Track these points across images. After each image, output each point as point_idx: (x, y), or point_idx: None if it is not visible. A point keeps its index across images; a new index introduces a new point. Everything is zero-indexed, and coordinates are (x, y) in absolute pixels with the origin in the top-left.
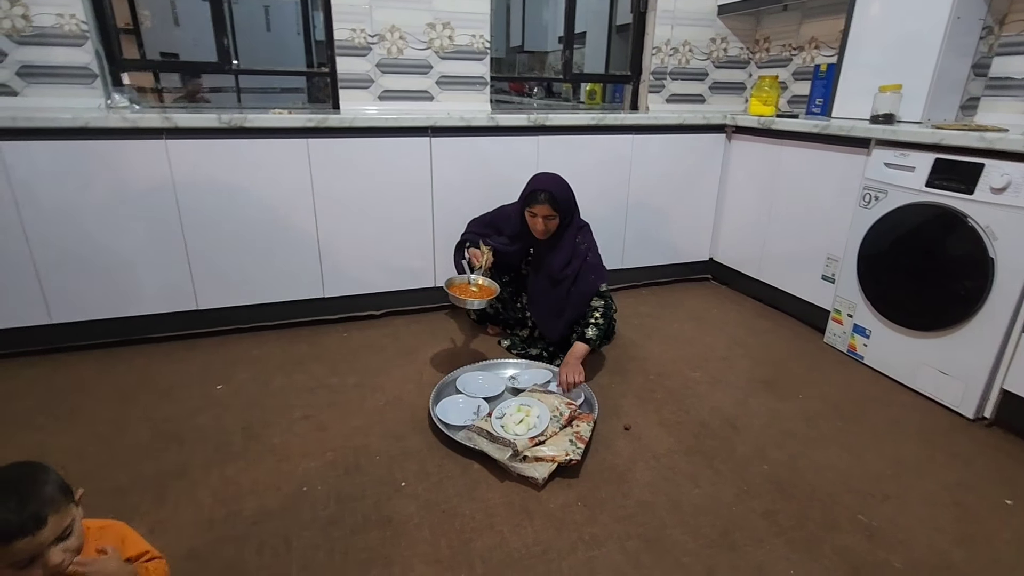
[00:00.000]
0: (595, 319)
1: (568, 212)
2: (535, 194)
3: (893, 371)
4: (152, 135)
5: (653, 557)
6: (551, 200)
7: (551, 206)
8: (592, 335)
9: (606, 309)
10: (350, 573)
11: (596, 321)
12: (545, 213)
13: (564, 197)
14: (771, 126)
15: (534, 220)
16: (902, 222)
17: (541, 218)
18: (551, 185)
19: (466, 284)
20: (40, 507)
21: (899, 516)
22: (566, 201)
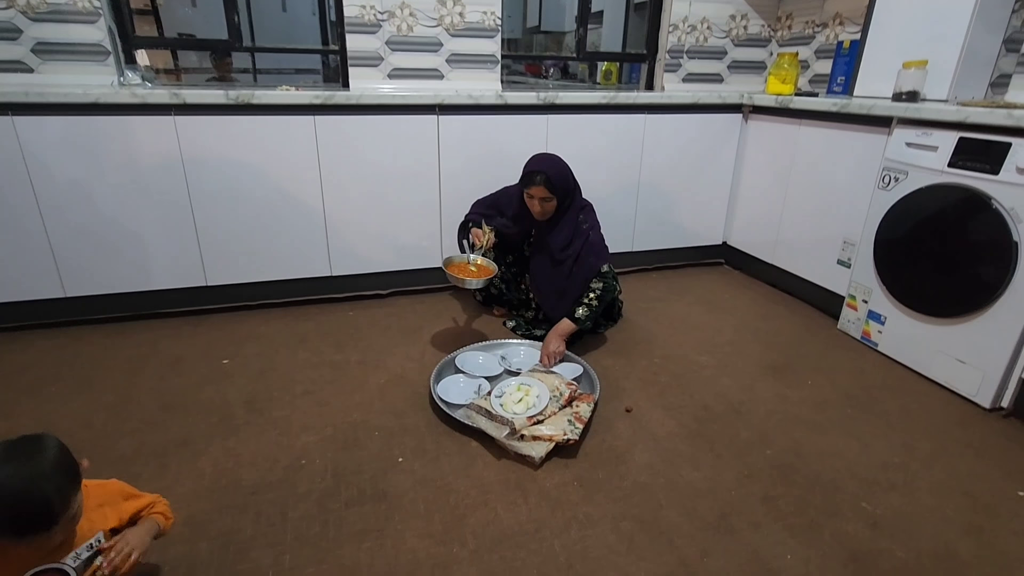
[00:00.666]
0: (588, 300)
1: (566, 194)
2: (531, 175)
3: (908, 359)
4: (161, 111)
5: (647, 538)
6: (547, 182)
7: (547, 188)
8: (581, 314)
9: (603, 291)
10: (343, 544)
11: (589, 302)
12: (542, 195)
13: (561, 179)
14: (789, 105)
15: (531, 202)
16: (922, 204)
17: (538, 200)
18: (548, 166)
19: (465, 264)
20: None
21: (905, 505)
22: (563, 183)
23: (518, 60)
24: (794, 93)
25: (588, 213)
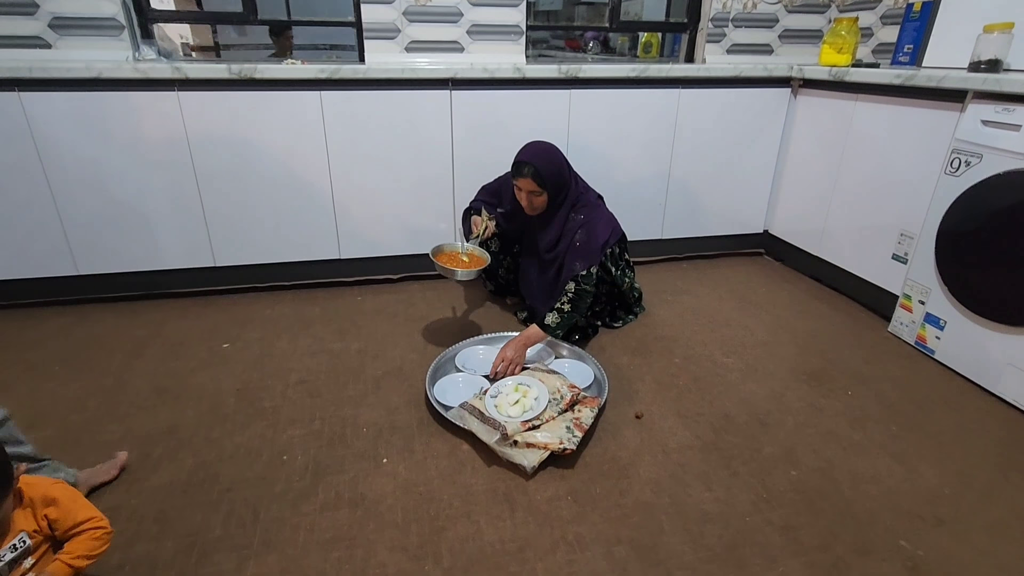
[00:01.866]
0: (560, 304)
1: (558, 188)
2: (519, 166)
3: (970, 370)
4: (164, 87)
5: (642, 567)
6: (535, 175)
7: (535, 181)
8: (550, 321)
9: (576, 295)
10: (310, 552)
11: (560, 306)
12: (529, 188)
13: (552, 172)
14: (844, 78)
15: (520, 194)
16: (997, 193)
17: (526, 193)
18: (537, 157)
19: (456, 253)
20: None
21: (953, 546)
22: (554, 176)
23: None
24: (851, 64)
25: (586, 211)
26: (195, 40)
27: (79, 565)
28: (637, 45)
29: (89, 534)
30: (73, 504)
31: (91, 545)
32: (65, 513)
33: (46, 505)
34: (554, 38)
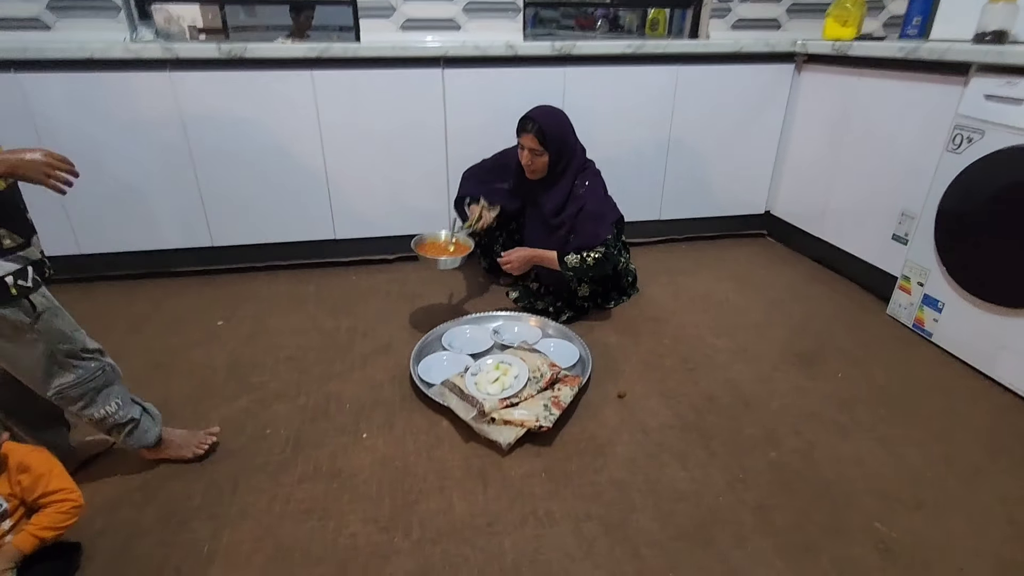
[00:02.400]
0: (586, 256)
1: (561, 151)
2: (523, 122)
3: (967, 353)
4: (156, 67)
5: (609, 543)
6: (539, 132)
7: (538, 139)
8: (571, 262)
9: (602, 258)
10: (285, 521)
11: (585, 256)
12: (531, 145)
13: (556, 133)
14: (847, 52)
15: (521, 153)
16: (999, 170)
17: (528, 151)
18: (544, 117)
19: (437, 242)
20: None
21: (930, 529)
22: (557, 137)
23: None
24: (855, 38)
25: (589, 176)
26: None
27: (44, 536)
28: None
29: (56, 507)
30: (46, 473)
31: (57, 518)
32: (35, 480)
33: (20, 471)
34: (564, 17)
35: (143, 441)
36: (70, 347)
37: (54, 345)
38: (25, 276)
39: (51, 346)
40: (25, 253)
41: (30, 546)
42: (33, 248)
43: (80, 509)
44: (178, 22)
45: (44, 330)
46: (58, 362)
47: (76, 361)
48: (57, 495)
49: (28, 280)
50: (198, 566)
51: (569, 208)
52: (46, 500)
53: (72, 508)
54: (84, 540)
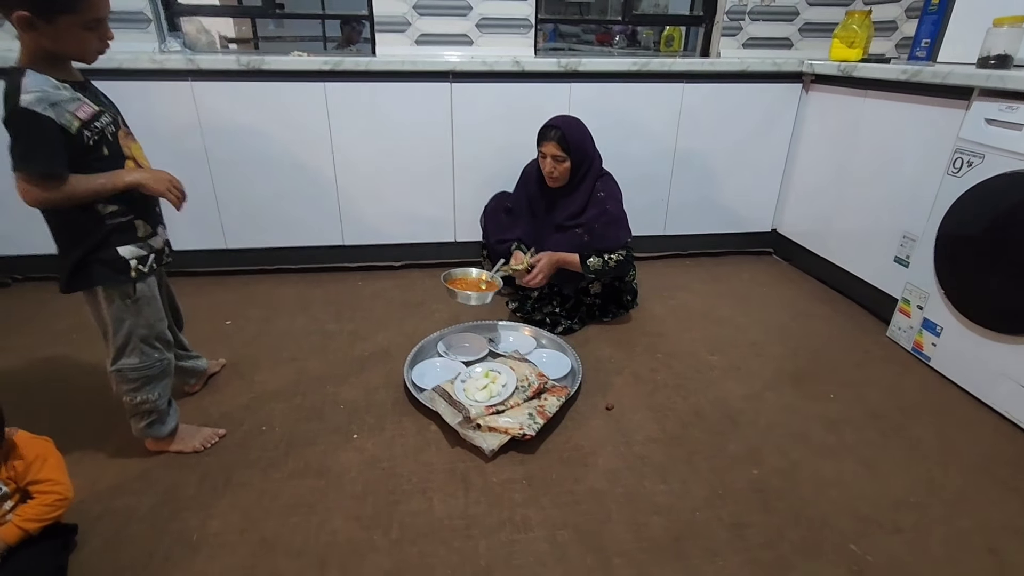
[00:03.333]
0: (608, 258)
1: (582, 158)
2: (545, 130)
3: (964, 379)
4: (178, 77)
5: (581, 552)
6: (561, 139)
7: (560, 146)
8: (593, 265)
9: (622, 261)
10: (271, 515)
11: (607, 260)
12: (554, 152)
13: (577, 139)
14: (852, 73)
15: (543, 161)
16: (998, 195)
17: (550, 158)
18: (565, 124)
19: (467, 278)
20: None
21: (906, 555)
22: (579, 144)
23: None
24: (862, 59)
25: (606, 182)
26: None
27: (28, 528)
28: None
29: (42, 499)
30: (38, 463)
31: (41, 510)
32: (27, 467)
33: (16, 457)
34: (585, 32)
35: (158, 434)
36: (147, 333)
37: (136, 328)
38: (146, 262)
39: (135, 327)
40: (151, 241)
41: (14, 537)
42: (158, 237)
43: (67, 502)
44: (209, 32)
45: (135, 313)
46: (133, 344)
47: (147, 348)
48: (44, 485)
49: (147, 266)
50: (186, 553)
51: (589, 211)
52: (34, 488)
53: (57, 500)
54: (83, 524)
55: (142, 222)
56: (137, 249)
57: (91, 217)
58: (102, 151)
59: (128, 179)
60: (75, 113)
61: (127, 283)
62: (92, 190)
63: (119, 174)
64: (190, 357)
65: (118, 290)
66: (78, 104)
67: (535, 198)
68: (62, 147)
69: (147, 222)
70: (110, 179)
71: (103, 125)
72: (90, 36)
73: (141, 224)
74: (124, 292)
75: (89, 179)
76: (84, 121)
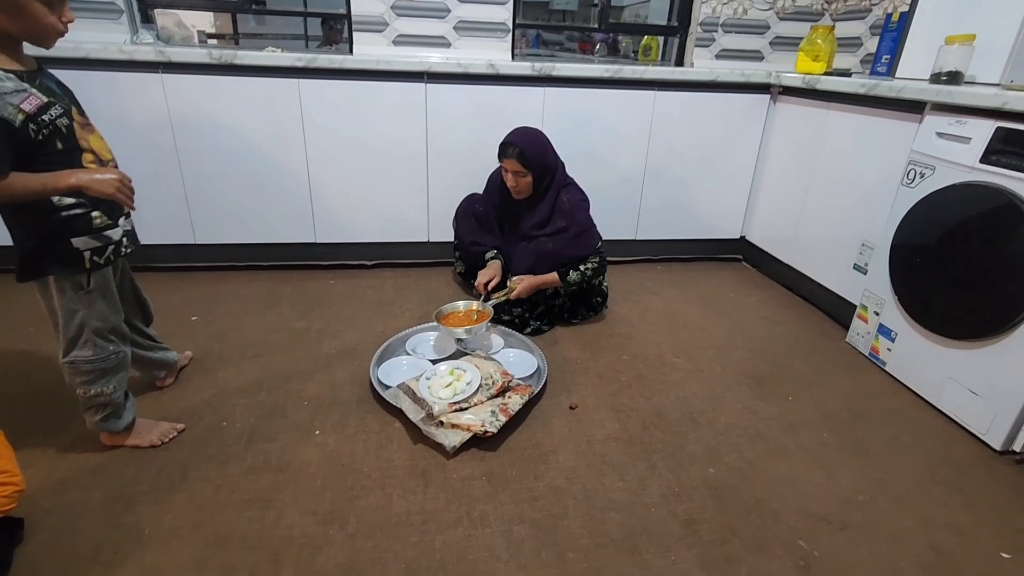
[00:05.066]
0: (584, 268)
1: (543, 171)
2: (504, 147)
3: (916, 383)
4: (148, 69)
5: (536, 546)
6: (520, 156)
7: (520, 162)
8: (572, 278)
9: (597, 267)
10: (227, 510)
11: (584, 269)
12: (514, 168)
13: (536, 154)
14: (816, 86)
15: (506, 176)
16: (946, 206)
17: (511, 173)
18: (523, 139)
19: (456, 312)
20: None
21: (852, 549)
22: (539, 158)
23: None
24: (824, 72)
25: (571, 190)
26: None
27: None
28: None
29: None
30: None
31: None
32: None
33: None
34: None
35: (114, 427)
36: (101, 326)
37: (90, 319)
38: (102, 254)
39: (87, 319)
40: (109, 233)
41: None
42: (118, 229)
43: (20, 494)
44: (187, 27)
45: (88, 304)
46: (85, 335)
47: (101, 340)
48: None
49: (103, 258)
50: (136, 547)
51: (556, 222)
52: None
53: (13, 492)
54: (31, 518)
55: (99, 213)
56: (92, 240)
57: (44, 207)
58: (54, 145)
59: (70, 181)
60: (19, 106)
61: (80, 273)
62: (32, 191)
63: (61, 176)
64: (159, 349)
65: (70, 280)
66: (23, 96)
67: (500, 208)
68: (3, 142)
69: (105, 213)
70: (51, 180)
71: (53, 117)
72: (48, 15)
73: (99, 215)
74: (77, 283)
75: (30, 179)
76: (29, 114)
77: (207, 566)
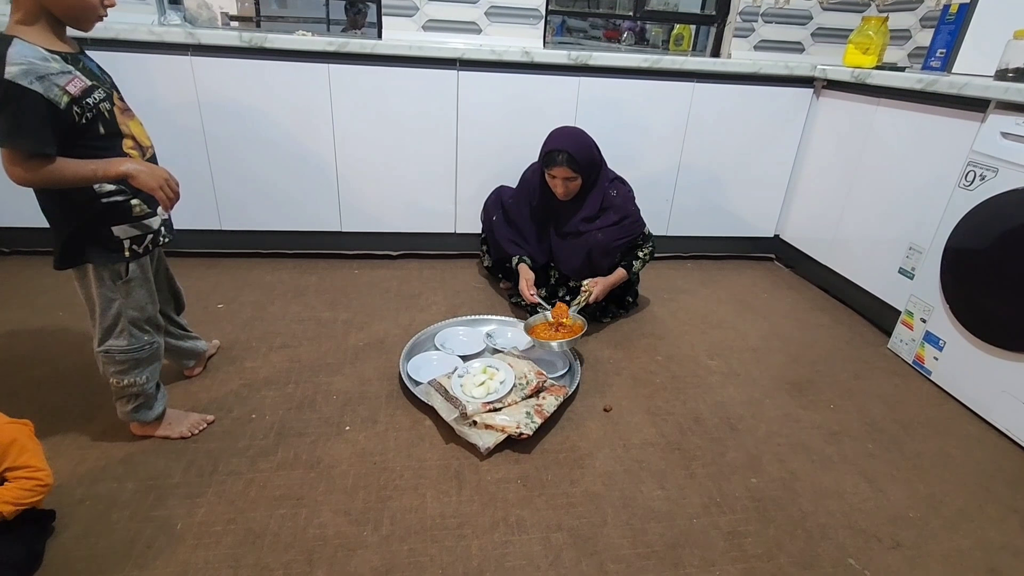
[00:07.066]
0: (643, 254)
1: (591, 171)
2: (552, 155)
3: (965, 395)
4: (177, 51)
5: (575, 555)
6: (570, 161)
7: (571, 167)
8: (637, 267)
9: (653, 246)
10: (258, 506)
11: (643, 256)
12: (565, 175)
13: (585, 156)
14: (866, 80)
15: (554, 183)
16: (1009, 210)
17: (561, 180)
18: (569, 143)
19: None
20: None
21: (904, 570)
22: (587, 160)
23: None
24: (876, 66)
25: (617, 185)
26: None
27: (3, 511)
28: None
29: (21, 483)
30: (14, 448)
31: (19, 494)
32: (3, 452)
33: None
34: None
35: (144, 418)
36: (137, 316)
37: (126, 309)
38: (141, 243)
39: (124, 308)
40: (148, 222)
41: None
42: (156, 218)
43: (46, 488)
44: (210, 8)
45: (125, 293)
46: (121, 325)
47: (136, 330)
48: (23, 471)
49: (141, 247)
50: (169, 543)
51: (607, 216)
52: (12, 475)
53: (37, 486)
54: (62, 509)
55: (139, 201)
56: (132, 229)
57: (85, 194)
58: (97, 129)
59: (122, 169)
60: (65, 87)
61: (120, 262)
62: (82, 177)
63: (113, 164)
64: (190, 338)
65: (109, 269)
66: (68, 78)
67: (540, 209)
68: (49, 125)
69: (144, 201)
70: (102, 167)
71: (96, 101)
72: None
73: (138, 204)
74: (116, 272)
75: (80, 164)
76: (74, 96)
77: (241, 564)
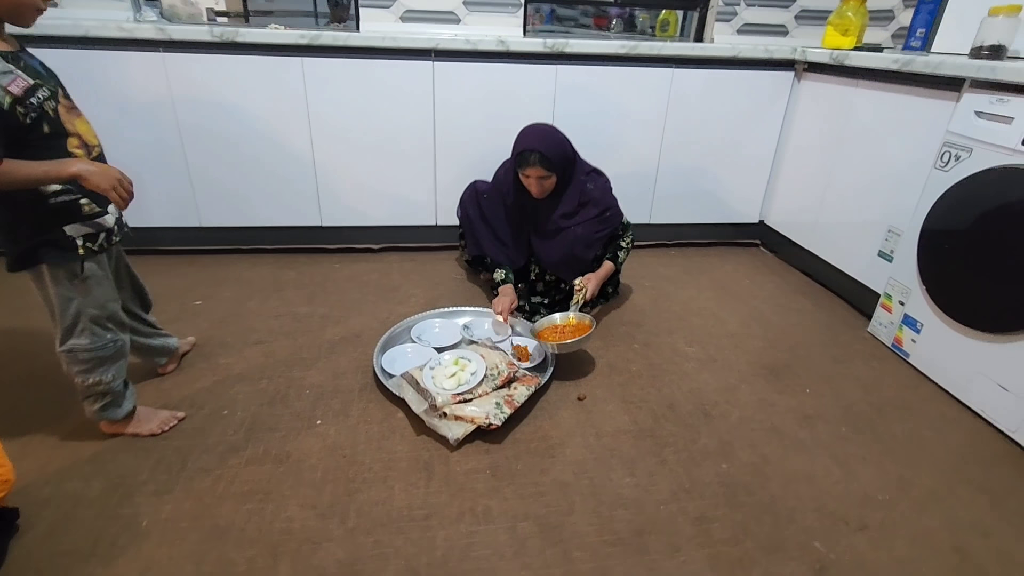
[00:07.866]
0: (625, 244)
1: (565, 167)
2: (524, 156)
3: (942, 377)
4: (149, 47)
5: (541, 544)
6: (543, 160)
7: (543, 167)
8: (622, 257)
9: (632, 235)
10: (225, 502)
11: (626, 246)
12: (539, 174)
13: (557, 153)
14: (844, 61)
15: (528, 182)
16: (983, 190)
17: (535, 179)
18: (540, 142)
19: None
20: None
21: (870, 552)
22: (560, 157)
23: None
24: (855, 47)
25: (594, 178)
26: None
27: None
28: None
29: None
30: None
31: None
32: None
33: None
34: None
35: (113, 416)
36: (98, 313)
37: (86, 307)
38: (95, 240)
39: (83, 307)
40: (101, 220)
41: None
42: (109, 216)
43: (8, 484)
44: (194, 4)
45: (84, 292)
46: (82, 324)
47: (98, 328)
48: None
49: (96, 245)
50: (134, 540)
51: (586, 210)
52: None
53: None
54: (29, 508)
55: (87, 200)
56: (84, 227)
57: (32, 195)
58: (42, 128)
59: (73, 170)
60: (7, 88)
61: (74, 261)
62: (34, 179)
63: (65, 164)
64: (159, 335)
65: (64, 268)
66: (10, 77)
67: (516, 208)
68: None
69: (94, 200)
70: (54, 168)
71: (40, 100)
72: None
73: (87, 203)
74: (71, 271)
75: (31, 166)
76: (17, 96)
77: (205, 559)
